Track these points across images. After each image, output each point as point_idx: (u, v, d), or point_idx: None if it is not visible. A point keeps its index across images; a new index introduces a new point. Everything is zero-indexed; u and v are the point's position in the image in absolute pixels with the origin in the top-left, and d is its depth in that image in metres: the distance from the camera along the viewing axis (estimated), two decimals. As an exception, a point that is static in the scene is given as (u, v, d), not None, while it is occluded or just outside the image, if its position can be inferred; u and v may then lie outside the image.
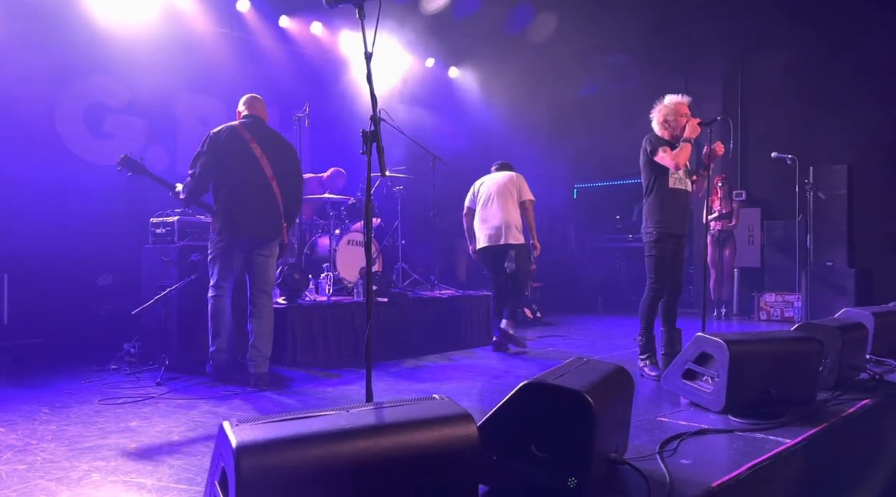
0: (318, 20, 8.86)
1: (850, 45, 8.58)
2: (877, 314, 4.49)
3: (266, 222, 4.47)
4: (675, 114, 4.68)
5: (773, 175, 8.83)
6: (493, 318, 6.37)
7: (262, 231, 4.46)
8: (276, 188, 4.49)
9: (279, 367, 5.18)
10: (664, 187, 4.65)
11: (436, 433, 1.70)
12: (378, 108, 2.59)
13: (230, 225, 4.39)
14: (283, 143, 4.65)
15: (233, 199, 4.41)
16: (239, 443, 1.49)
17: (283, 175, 4.55)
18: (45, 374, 4.79)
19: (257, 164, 4.43)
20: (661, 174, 4.66)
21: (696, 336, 3.45)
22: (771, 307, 8.51)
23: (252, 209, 4.42)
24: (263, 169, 4.44)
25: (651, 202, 4.72)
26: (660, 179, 4.67)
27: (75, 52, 6.61)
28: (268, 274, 4.53)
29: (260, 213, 4.44)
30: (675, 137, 4.68)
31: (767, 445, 2.69)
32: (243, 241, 4.45)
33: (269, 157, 4.48)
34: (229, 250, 4.43)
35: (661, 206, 4.66)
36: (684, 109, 4.71)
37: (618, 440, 2.37)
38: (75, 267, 6.22)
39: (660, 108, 4.79)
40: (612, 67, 11.40)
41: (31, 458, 2.86)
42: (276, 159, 4.52)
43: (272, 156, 4.50)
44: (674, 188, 4.65)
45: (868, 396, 3.51)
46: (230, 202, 4.40)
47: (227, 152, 4.39)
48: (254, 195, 4.42)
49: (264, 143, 4.50)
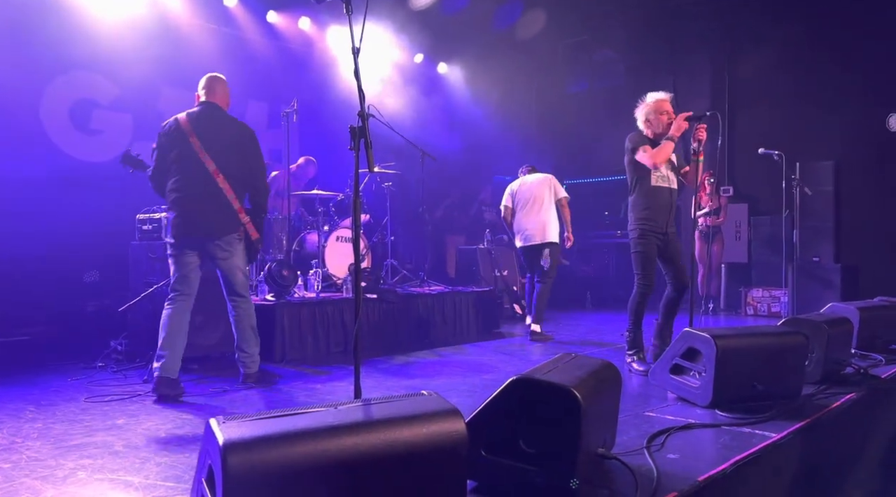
0: (306, 15, 8.82)
1: (837, 42, 8.64)
2: (862, 309, 4.53)
3: (213, 219, 4.16)
4: (656, 112, 4.71)
5: (761, 171, 8.88)
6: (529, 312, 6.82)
7: (209, 229, 4.16)
8: (222, 183, 4.15)
9: (268, 364, 5.16)
10: (647, 185, 4.68)
11: (424, 429, 1.70)
12: (366, 103, 2.59)
13: (176, 224, 4.15)
14: (232, 133, 4.29)
15: (178, 197, 4.17)
16: (226, 440, 1.48)
17: (236, 166, 4.22)
18: (31, 372, 4.75)
19: (197, 159, 4.14)
20: (643, 172, 4.69)
21: (684, 331, 3.47)
22: (758, 302, 8.57)
23: (196, 207, 4.14)
24: (205, 164, 4.13)
25: (635, 200, 4.77)
26: (642, 178, 4.70)
27: (61, 47, 6.53)
28: (234, 275, 4.26)
29: (205, 210, 4.15)
30: (657, 135, 4.71)
31: (754, 440, 2.72)
32: (194, 241, 4.18)
33: (211, 151, 4.15)
34: (180, 250, 4.18)
35: (644, 204, 4.69)
36: (664, 106, 4.72)
37: (605, 435, 2.38)
38: (62, 264, 6.16)
39: (642, 106, 4.82)
40: (600, 64, 11.42)
41: (17, 457, 2.83)
42: (221, 151, 4.19)
43: (216, 149, 4.17)
44: (656, 186, 4.68)
45: (853, 390, 3.54)
46: (174, 201, 4.18)
47: (171, 148, 4.19)
48: (197, 192, 4.15)
49: (207, 136, 4.18)
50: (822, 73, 8.75)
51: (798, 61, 8.99)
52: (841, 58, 8.59)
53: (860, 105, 8.48)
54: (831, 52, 8.65)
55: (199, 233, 4.16)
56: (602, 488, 2.17)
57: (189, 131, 4.18)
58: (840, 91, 8.61)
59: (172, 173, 4.21)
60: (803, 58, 8.93)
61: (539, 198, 6.59)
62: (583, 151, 10.91)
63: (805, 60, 8.91)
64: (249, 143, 4.34)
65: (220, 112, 4.35)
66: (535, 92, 11.76)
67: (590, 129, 10.78)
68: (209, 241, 4.19)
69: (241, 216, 4.24)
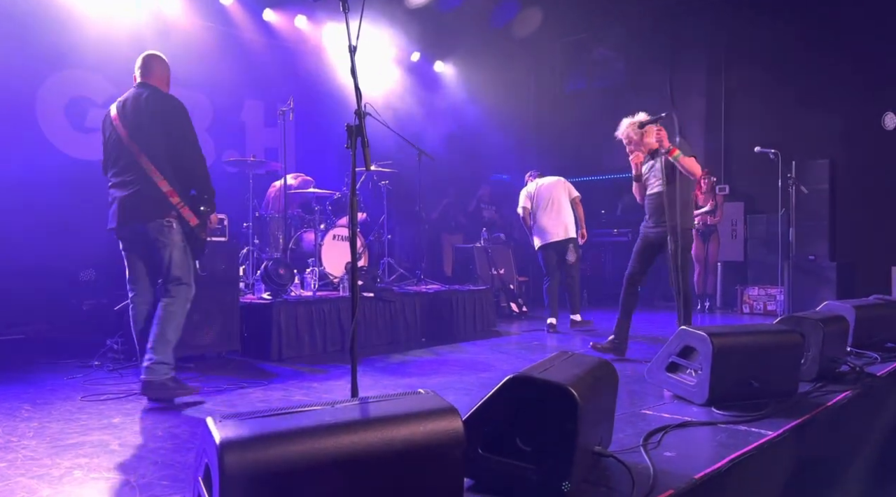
0: (303, 14, 8.81)
1: (833, 41, 8.66)
2: (857, 307, 4.55)
3: (139, 205, 3.83)
4: (626, 142, 5.13)
5: (757, 169, 8.89)
6: (548, 309, 7.12)
7: (135, 215, 3.84)
8: (146, 164, 3.81)
9: (264, 362, 5.17)
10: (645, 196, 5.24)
11: (421, 427, 1.70)
12: (363, 102, 2.58)
13: (111, 215, 3.92)
14: (156, 110, 3.87)
15: (110, 186, 3.97)
16: (222, 439, 1.48)
17: (162, 146, 3.85)
18: (27, 371, 4.74)
19: (122, 144, 3.88)
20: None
21: (680, 329, 3.47)
22: (754, 300, 8.59)
23: (123, 195, 3.87)
24: (129, 149, 3.85)
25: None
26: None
27: (56, 45, 6.51)
28: (165, 265, 3.84)
29: (131, 197, 3.84)
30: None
31: (750, 437, 2.72)
32: (126, 231, 3.90)
33: (136, 134, 3.84)
34: (122, 244, 3.98)
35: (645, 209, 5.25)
36: (628, 137, 5.09)
37: (602, 433, 2.38)
38: (58, 262, 6.15)
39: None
40: (597, 62, 11.43)
41: (12, 456, 2.82)
42: (145, 132, 3.84)
43: (140, 130, 3.85)
44: (650, 193, 5.14)
45: (849, 388, 3.55)
46: (109, 191, 3.98)
47: (105, 137, 4.02)
48: (123, 180, 3.88)
49: (131, 118, 3.88)
50: (818, 72, 8.77)
51: (794, 60, 9.01)
52: (837, 57, 8.61)
53: (856, 104, 8.51)
54: (827, 50, 8.67)
55: (127, 222, 3.86)
56: (599, 486, 2.18)
57: (115, 117, 3.94)
58: (836, 90, 8.64)
59: (109, 163, 4.01)
60: (799, 56, 8.95)
61: (557, 199, 7.09)
62: (580, 150, 10.91)
63: (801, 59, 8.93)
64: (174, 118, 3.90)
65: (150, 91, 3.94)
66: (533, 90, 11.76)
67: (588, 127, 10.79)
68: (139, 230, 3.85)
69: (172, 199, 3.82)
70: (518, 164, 11.20)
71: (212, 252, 4.99)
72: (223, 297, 5.07)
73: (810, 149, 8.70)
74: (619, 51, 10.99)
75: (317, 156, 8.10)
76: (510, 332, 7.05)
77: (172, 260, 3.84)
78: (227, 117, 8.25)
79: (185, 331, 4.08)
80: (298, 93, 7.17)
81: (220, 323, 5.04)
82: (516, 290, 8.62)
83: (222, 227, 5.41)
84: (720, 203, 8.79)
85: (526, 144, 11.27)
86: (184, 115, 3.92)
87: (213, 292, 4.98)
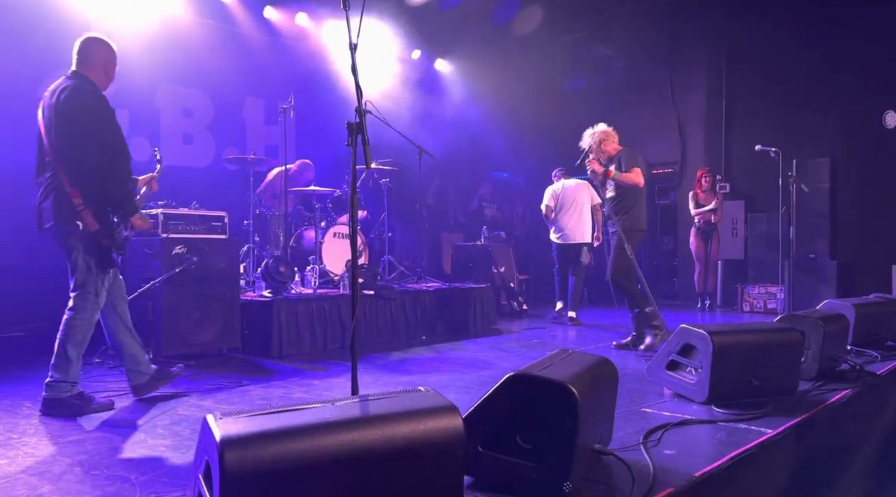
0: (303, 11, 8.79)
1: (834, 39, 8.63)
2: (857, 305, 4.55)
3: (50, 207, 3.52)
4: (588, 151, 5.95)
5: (757, 168, 8.88)
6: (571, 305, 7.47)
7: (48, 217, 3.54)
8: (54, 164, 3.47)
9: (265, 360, 5.17)
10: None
11: (421, 425, 1.70)
12: (363, 99, 2.58)
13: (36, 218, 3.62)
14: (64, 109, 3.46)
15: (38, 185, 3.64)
16: (223, 436, 1.48)
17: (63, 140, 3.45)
18: (27, 368, 4.73)
19: (41, 140, 3.56)
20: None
21: (680, 327, 3.47)
22: (754, 299, 8.58)
23: (38, 194, 3.57)
24: (45, 144, 3.53)
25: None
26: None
27: (57, 42, 6.48)
28: (69, 267, 3.64)
29: (43, 197, 3.55)
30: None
31: (750, 435, 2.72)
32: (47, 234, 3.63)
33: (48, 131, 3.49)
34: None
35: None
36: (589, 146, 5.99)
37: (602, 431, 2.38)
38: (57, 260, 6.12)
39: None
40: (597, 61, 11.41)
41: (13, 453, 2.83)
42: (53, 125, 3.47)
43: (49, 128, 3.49)
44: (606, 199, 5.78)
45: (848, 386, 3.56)
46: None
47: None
48: (41, 180, 3.57)
49: (45, 115, 3.53)
50: (819, 71, 8.75)
51: (795, 58, 8.99)
52: (838, 55, 8.60)
53: (857, 102, 8.49)
54: (828, 49, 8.65)
55: (42, 224, 3.59)
56: (599, 484, 2.18)
57: (40, 109, 3.59)
58: (837, 88, 8.62)
59: (38, 161, 3.66)
60: (800, 55, 8.93)
61: (580, 202, 7.40)
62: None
63: (802, 58, 8.91)
64: (77, 115, 3.45)
65: (73, 85, 3.54)
66: (533, 88, 11.73)
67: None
68: (52, 232, 3.58)
69: (75, 200, 3.46)
70: (518, 163, 11.21)
71: (212, 250, 5.00)
72: (224, 295, 5.07)
73: (811, 147, 8.69)
74: (619, 50, 10.97)
75: (317, 153, 8.08)
76: (511, 330, 7.05)
77: (77, 265, 3.59)
78: (228, 115, 8.25)
79: (185, 328, 4.07)
80: (299, 90, 7.17)
81: (220, 320, 5.04)
82: (517, 288, 8.61)
83: (221, 224, 5.40)
84: (721, 201, 8.79)
85: (525, 142, 11.25)
86: (78, 103, 3.47)
87: (213, 290, 4.98)
